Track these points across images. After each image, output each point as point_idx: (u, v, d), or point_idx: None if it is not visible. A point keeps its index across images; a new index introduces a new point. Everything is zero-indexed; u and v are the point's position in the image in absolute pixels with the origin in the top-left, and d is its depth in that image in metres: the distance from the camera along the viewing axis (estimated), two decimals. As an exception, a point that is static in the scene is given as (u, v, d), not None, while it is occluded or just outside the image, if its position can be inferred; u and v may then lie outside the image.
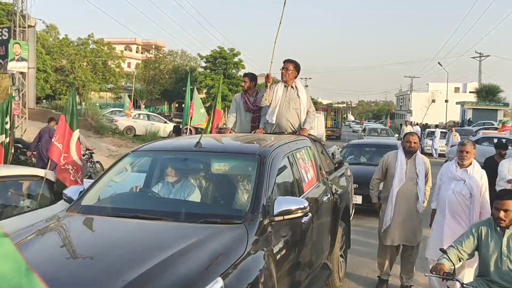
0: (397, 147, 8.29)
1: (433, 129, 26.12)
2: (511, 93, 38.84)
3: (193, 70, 43.63)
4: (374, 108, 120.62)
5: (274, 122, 5.73)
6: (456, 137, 20.77)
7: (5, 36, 17.05)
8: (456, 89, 64.47)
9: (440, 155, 22.73)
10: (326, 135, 32.24)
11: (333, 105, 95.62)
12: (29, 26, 17.18)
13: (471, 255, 3.84)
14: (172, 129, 19.42)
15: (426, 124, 37.42)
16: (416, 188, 5.28)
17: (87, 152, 12.08)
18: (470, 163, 4.87)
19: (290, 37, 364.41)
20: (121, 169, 4.24)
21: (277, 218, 3.30)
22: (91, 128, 20.93)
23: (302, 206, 3.33)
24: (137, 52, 68.34)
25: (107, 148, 17.84)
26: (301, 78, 74.52)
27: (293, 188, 4.07)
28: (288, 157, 4.14)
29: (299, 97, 5.75)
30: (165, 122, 26.79)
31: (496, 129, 27.54)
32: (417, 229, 5.40)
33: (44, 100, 33.13)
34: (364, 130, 31.38)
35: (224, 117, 20.24)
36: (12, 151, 7.93)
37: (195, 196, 3.87)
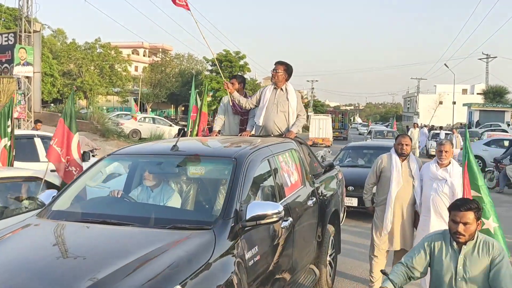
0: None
1: (438, 131, 26.00)
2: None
3: (199, 74, 43.87)
4: (382, 110, 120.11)
5: (260, 124, 5.66)
6: (458, 139, 20.52)
7: (11, 41, 17.30)
8: (464, 91, 64.04)
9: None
10: (333, 136, 34.26)
11: (341, 108, 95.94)
12: (35, 31, 17.41)
13: (423, 273, 3.38)
14: (177, 132, 19.59)
15: (433, 126, 37.27)
16: (412, 191, 5.23)
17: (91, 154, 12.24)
18: (449, 162, 4.99)
19: (297, 39, 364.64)
20: (96, 173, 4.14)
21: (250, 224, 3.19)
22: (97, 131, 21.17)
23: (276, 211, 3.20)
24: (144, 55, 68.77)
25: (112, 151, 18.02)
26: (308, 81, 74.49)
27: (273, 192, 3.94)
28: (268, 160, 4.02)
29: (288, 100, 5.62)
30: (170, 125, 27.04)
31: (503, 130, 27.36)
32: (413, 232, 5.38)
33: (52, 104, 33.47)
34: (369, 132, 31.13)
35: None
36: (14, 153, 8.08)
37: (175, 201, 3.78)
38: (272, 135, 5.55)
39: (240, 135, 5.71)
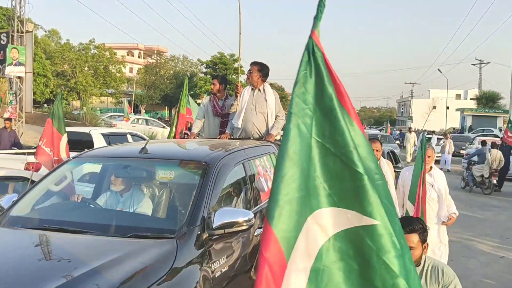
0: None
1: (430, 135, 26.03)
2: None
3: (194, 76, 43.88)
4: (376, 114, 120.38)
5: (239, 126, 5.54)
6: (451, 145, 20.26)
7: (3, 41, 17.23)
8: (457, 96, 64.37)
9: (436, 161, 22.53)
10: None
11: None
12: (27, 31, 17.36)
13: None
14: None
15: (425, 130, 37.49)
16: None
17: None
18: (431, 167, 5.00)
19: (294, 43, 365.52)
20: (60, 176, 3.97)
21: (217, 232, 2.99)
22: (89, 132, 21.03)
23: (246, 218, 3.02)
24: (139, 57, 68.64)
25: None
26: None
27: (248, 198, 3.77)
28: (243, 164, 3.84)
29: (266, 101, 5.51)
30: (163, 127, 27.11)
31: (495, 136, 27.49)
32: None
33: (45, 105, 33.35)
34: (363, 136, 31.16)
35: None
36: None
37: (145, 207, 3.58)
38: (252, 138, 5.43)
39: (219, 138, 5.58)
